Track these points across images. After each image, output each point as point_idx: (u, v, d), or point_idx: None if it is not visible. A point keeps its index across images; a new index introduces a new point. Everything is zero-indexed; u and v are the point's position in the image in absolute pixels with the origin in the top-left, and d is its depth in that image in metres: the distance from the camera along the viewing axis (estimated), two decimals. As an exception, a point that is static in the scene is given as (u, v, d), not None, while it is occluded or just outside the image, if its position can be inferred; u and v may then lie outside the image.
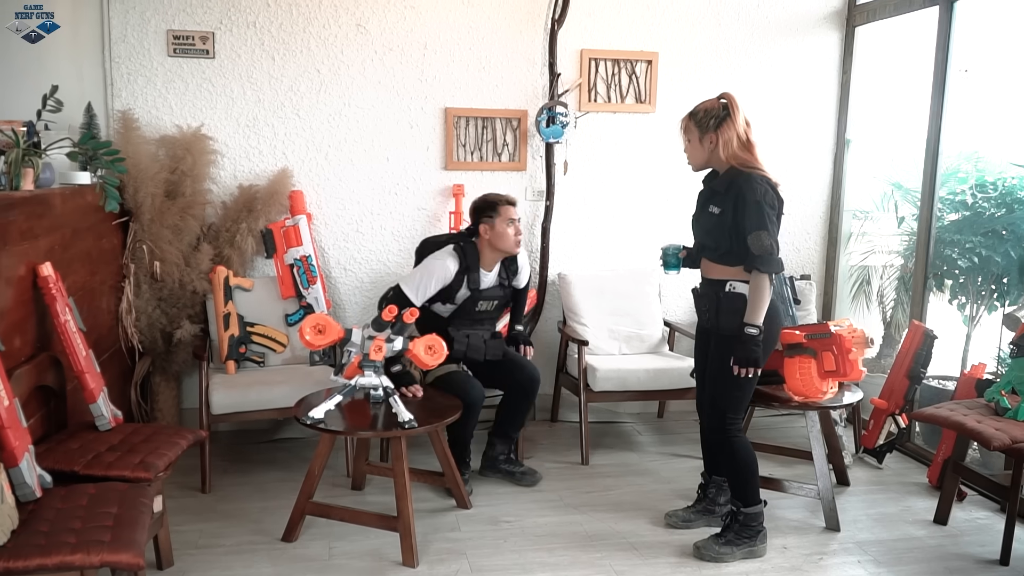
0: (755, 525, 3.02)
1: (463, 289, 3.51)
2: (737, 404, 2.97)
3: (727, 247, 2.88)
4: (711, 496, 3.30)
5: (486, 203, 3.54)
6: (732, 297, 2.88)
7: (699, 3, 4.45)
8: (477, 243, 3.55)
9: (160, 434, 2.81)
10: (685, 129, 2.99)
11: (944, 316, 4.34)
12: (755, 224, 2.78)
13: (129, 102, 3.95)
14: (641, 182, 4.50)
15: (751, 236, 2.78)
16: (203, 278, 3.84)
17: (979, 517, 3.46)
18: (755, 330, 2.81)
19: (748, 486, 3.00)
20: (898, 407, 3.83)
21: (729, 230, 2.85)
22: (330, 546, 3.07)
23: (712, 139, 2.89)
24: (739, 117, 2.87)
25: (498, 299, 3.61)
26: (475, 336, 3.56)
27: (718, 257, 2.93)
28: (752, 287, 2.83)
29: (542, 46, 4.29)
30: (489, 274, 3.58)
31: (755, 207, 2.78)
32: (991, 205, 4.15)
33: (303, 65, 4.11)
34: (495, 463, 3.70)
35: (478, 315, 3.58)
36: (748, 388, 2.96)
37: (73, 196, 3.18)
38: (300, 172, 4.17)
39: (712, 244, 2.94)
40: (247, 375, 3.73)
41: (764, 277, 2.80)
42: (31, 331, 2.70)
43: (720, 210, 2.88)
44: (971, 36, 3.97)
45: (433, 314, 3.57)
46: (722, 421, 2.98)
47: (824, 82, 4.65)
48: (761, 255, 2.78)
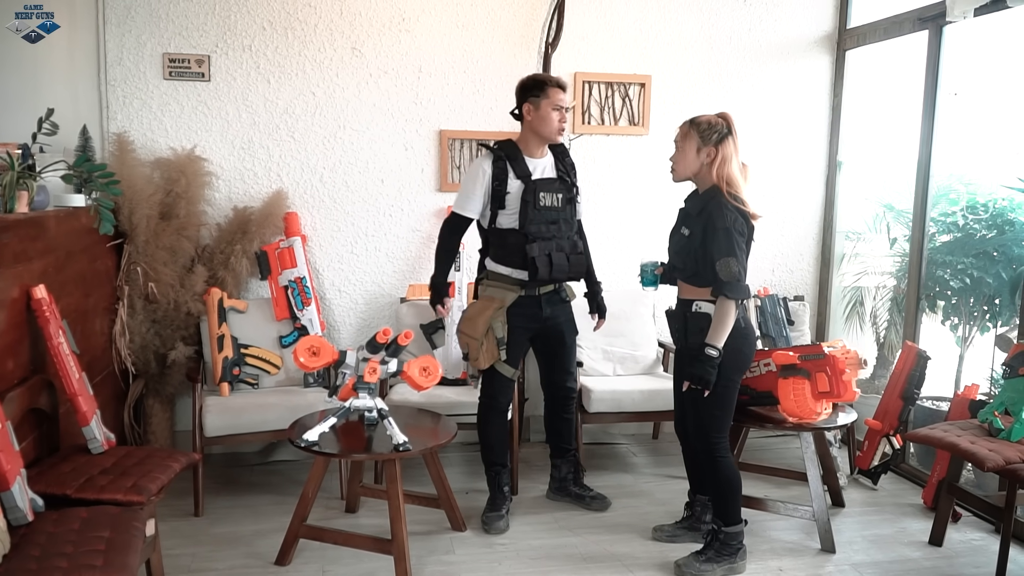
0: (735, 544, 3.05)
1: (512, 180, 3.25)
2: (719, 424, 2.99)
3: (694, 269, 2.92)
4: (696, 513, 3.34)
5: (534, 82, 3.28)
6: (699, 317, 2.93)
7: (691, 27, 4.50)
8: (516, 137, 3.36)
9: (153, 457, 2.80)
10: (684, 136, 2.96)
11: (937, 337, 4.35)
12: (724, 251, 2.81)
13: (124, 125, 3.97)
14: (634, 203, 4.53)
15: (720, 262, 2.81)
16: (197, 300, 3.84)
17: (974, 538, 3.45)
18: (715, 351, 2.83)
19: (730, 506, 3.04)
20: (892, 428, 3.83)
21: (696, 253, 2.89)
22: (323, 570, 3.05)
23: (710, 153, 2.90)
24: (736, 139, 2.92)
25: (562, 193, 3.30)
26: (557, 256, 3.27)
27: (686, 278, 2.98)
28: (718, 311, 2.85)
29: (536, 69, 4.32)
30: (539, 161, 3.32)
31: (724, 233, 2.82)
32: (982, 226, 4.18)
33: (298, 88, 4.13)
34: (564, 486, 3.67)
35: (546, 214, 3.25)
36: (728, 407, 2.99)
37: (67, 218, 3.18)
38: (295, 194, 4.18)
39: (680, 265, 2.98)
40: (241, 397, 3.72)
41: (731, 303, 2.83)
42: (24, 353, 2.69)
43: (690, 232, 2.92)
44: (960, 60, 4.02)
45: (504, 236, 3.29)
46: (707, 442, 3.01)
47: (816, 105, 4.69)
48: (729, 281, 2.81)
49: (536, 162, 3.32)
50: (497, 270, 3.34)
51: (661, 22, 4.46)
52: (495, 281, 3.34)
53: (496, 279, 3.34)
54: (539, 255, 3.23)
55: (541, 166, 3.33)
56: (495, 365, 3.32)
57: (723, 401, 2.95)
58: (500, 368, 3.34)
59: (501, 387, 3.39)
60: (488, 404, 3.43)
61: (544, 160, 3.35)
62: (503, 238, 3.29)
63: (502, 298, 3.31)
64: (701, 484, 3.29)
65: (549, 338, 3.48)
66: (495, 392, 3.40)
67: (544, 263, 3.24)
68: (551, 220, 3.27)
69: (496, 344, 3.29)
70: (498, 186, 3.24)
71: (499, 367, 3.33)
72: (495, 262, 3.35)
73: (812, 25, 4.63)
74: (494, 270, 3.35)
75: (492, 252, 3.35)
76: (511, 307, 3.32)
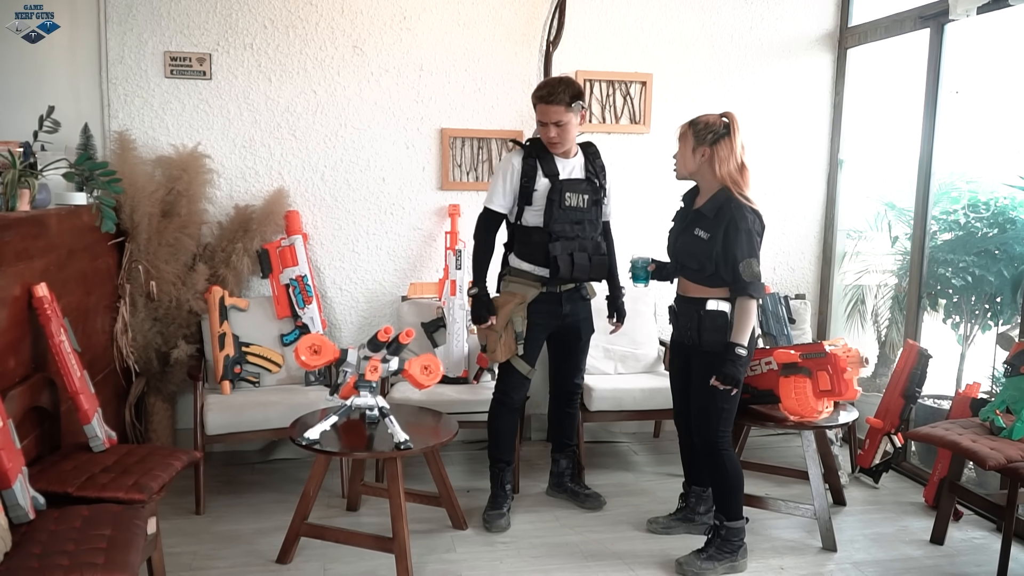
0: (736, 540, 3.06)
1: (540, 178, 3.25)
2: (727, 417, 3.02)
3: (712, 270, 2.94)
4: (691, 505, 3.37)
5: (533, 94, 3.28)
6: (714, 315, 2.95)
7: (693, 25, 4.50)
8: None
9: (154, 455, 2.80)
10: (682, 136, 3.03)
11: (938, 335, 4.35)
12: (747, 252, 2.87)
13: (126, 123, 3.97)
14: (636, 201, 4.52)
15: (743, 263, 2.86)
16: (199, 298, 3.84)
17: (975, 537, 3.45)
18: (743, 350, 2.90)
19: (733, 501, 3.05)
20: (893, 426, 3.83)
21: (717, 255, 2.91)
22: (325, 568, 3.05)
23: (704, 152, 2.94)
24: (737, 138, 2.94)
25: (588, 195, 3.28)
26: (579, 256, 3.26)
27: (701, 279, 2.99)
28: (740, 310, 2.91)
29: (537, 67, 4.32)
30: (569, 161, 3.32)
31: (747, 235, 2.87)
32: (984, 225, 4.18)
33: (300, 86, 4.13)
34: (561, 481, 3.69)
35: (571, 214, 3.24)
36: (734, 400, 3.02)
37: (69, 216, 3.18)
38: (296, 192, 4.18)
39: (696, 266, 2.98)
40: (242, 395, 3.72)
41: (753, 302, 2.90)
42: (26, 352, 2.69)
43: (709, 235, 2.93)
44: (962, 58, 4.01)
45: (528, 233, 3.30)
46: (714, 435, 3.02)
47: (817, 103, 4.69)
48: (752, 282, 2.87)
49: (566, 162, 3.32)
50: (520, 266, 3.36)
51: (662, 20, 4.46)
52: (517, 277, 3.36)
53: (518, 275, 3.35)
54: (561, 254, 3.23)
55: (570, 166, 3.32)
56: (511, 360, 3.33)
57: (727, 396, 2.98)
58: (516, 364, 3.34)
59: (515, 384, 3.39)
60: (500, 399, 3.43)
61: (574, 160, 3.35)
62: (528, 235, 3.31)
63: (524, 293, 3.33)
64: (697, 475, 3.33)
65: (566, 334, 3.49)
66: (508, 388, 3.41)
67: (566, 262, 3.24)
68: (575, 220, 3.27)
69: (515, 338, 3.31)
70: (526, 183, 3.26)
71: (515, 363, 3.34)
72: (518, 258, 3.36)
73: (813, 23, 4.63)
74: (517, 266, 3.36)
75: (516, 248, 3.36)
76: (532, 304, 3.33)
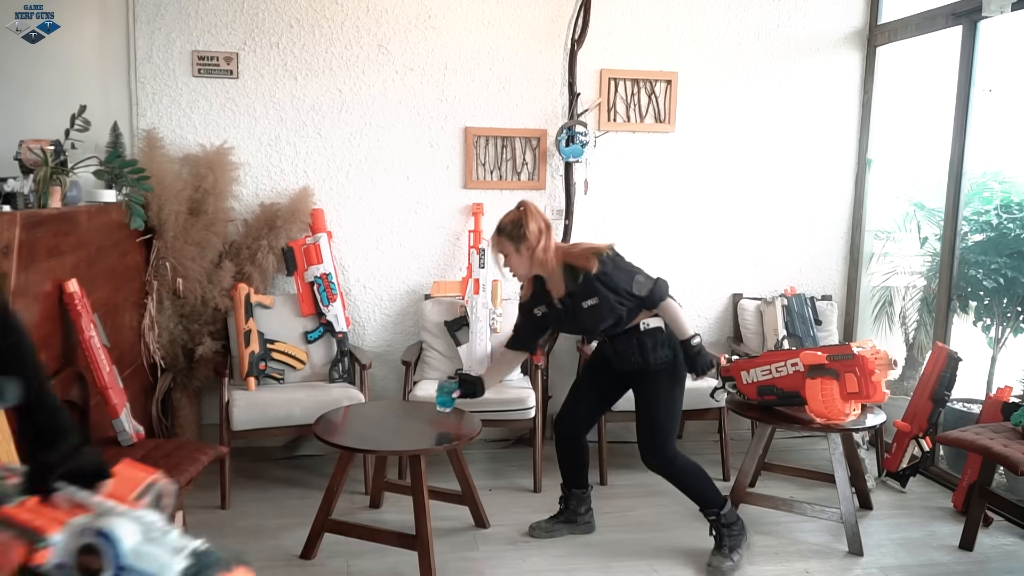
0: (735, 522, 3.14)
1: None
2: (673, 430, 3.13)
3: (624, 311, 3.00)
4: (572, 507, 3.39)
5: None
6: (653, 332, 3.04)
7: (718, 24, 4.46)
8: None
9: (181, 450, 2.83)
10: (497, 245, 3.05)
11: (969, 338, 4.29)
12: (626, 280, 2.97)
13: (154, 121, 4.01)
14: (660, 201, 4.50)
15: (635, 286, 2.97)
16: (225, 295, 3.87)
17: (1006, 543, 3.40)
18: (697, 337, 3.02)
19: (708, 491, 3.12)
20: (921, 430, 3.78)
21: (618, 301, 2.97)
22: (348, 564, 3.06)
23: (528, 247, 2.98)
24: (532, 222, 2.96)
25: None
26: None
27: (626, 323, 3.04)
28: (666, 313, 3.02)
29: (562, 66, 4.31)
30: None
31: (617, 272, 2.97)
32: (1017, 226, 4.11)
33: (325, 85, 4.15)
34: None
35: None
36: (679, 410, 3.14)
37: (98, 214, 3.22)
38: (321, 190, 4.20)
39: (614, 320, 3.02)
40: (267, 392, 3.75)
41: (669, 300, 3.02)
42: (56, 346, 2.73)
43: (596, 298, 2.96)
44: (995, 55, 3.94)
45: None
46: (666, 451, 3.10)
47: (845, 102, 4.63)
48: (653, 289, 2.99)
49: None
50: None
51: (688, 18, 4.43)
52: None
53: None
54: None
55: None
56: None
57: (677, 407, 3.12)
58: None
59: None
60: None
61: None
62: None
63: None
64: (575, 478, 3.36)
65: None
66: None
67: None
68: None
69: None
70: None
71: None
72: None
73: (842, 21, 4.57)
74: None
75: None
76: None
